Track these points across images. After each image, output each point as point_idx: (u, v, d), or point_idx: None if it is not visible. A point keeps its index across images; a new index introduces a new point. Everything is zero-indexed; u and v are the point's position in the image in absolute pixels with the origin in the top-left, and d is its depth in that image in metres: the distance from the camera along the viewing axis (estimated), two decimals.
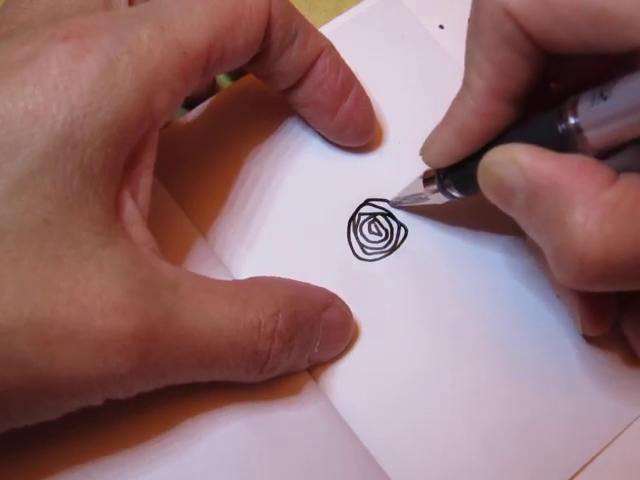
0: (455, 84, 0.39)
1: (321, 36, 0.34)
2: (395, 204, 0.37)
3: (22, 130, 0.24)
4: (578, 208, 0.24)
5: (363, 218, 0.37)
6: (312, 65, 0.34)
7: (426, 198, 0.35)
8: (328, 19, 0.41)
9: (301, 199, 0.37)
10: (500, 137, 0.29)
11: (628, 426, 0.34)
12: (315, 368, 0.34)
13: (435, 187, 0.33)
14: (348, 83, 0.35)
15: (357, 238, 0.37)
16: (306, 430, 0.32)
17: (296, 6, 0.33)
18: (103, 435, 0.30)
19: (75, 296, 0.24)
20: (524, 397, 0.34)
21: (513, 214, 0.28)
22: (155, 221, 0.30)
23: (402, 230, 0.37)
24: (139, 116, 0.26)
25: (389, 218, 0.37)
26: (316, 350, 0.32)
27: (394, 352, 0.35)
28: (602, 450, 0.34)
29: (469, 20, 0.29)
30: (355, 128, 0.36)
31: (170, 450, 0.30)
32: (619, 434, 0.34)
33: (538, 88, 0.29)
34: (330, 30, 0.40)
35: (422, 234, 0.37)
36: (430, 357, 0.35)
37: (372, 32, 0.41)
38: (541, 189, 0.25)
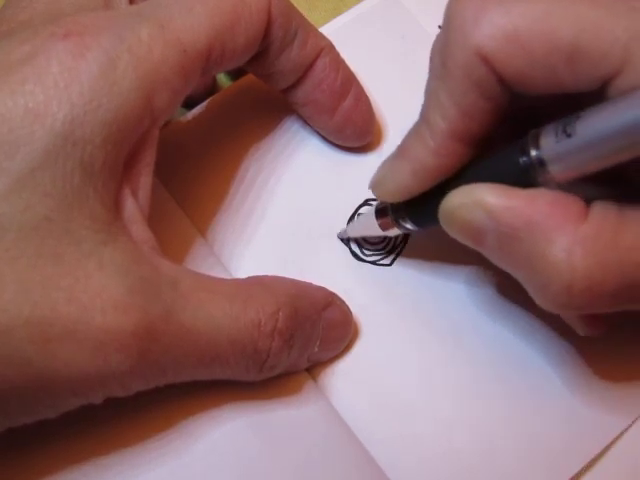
0: None
1: (321, 35, 0.34)
2: (343, 237, 0.37)
3: (22, 128, 0.24)
4: (558, 244, 0.24)
5: None
6: (312, 64, 0.34)
7: (377, 230, 0.34)
8: (328, 19, 0.41)
9: (300, 199, 0.37)
10: (460, 173, 0.29)
11: (629, 427, 0.34)
12: (315, 368, 0.34)
13: (389, 220, 0.33)
14: (348, 83, 0.35)
15: (356, 239, 0.37)
16: (305, 430, 0.32)
17: (296, 6, 0.33)
18: (103, 434, 0.30)
19: (75, 294, 0.24)
20: (523, 397, 0.34)
21: (484, 253, 0.28)
22: (154, 220, 0.29)
23: None
24: (139, 114, 0.27)
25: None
26: (316, 349, 0.32)
27: (394, 352, 0.35)
28: (603, 452, 0.34)
29: (433, 58, 0.28)
30: (354, 128, 0.36)
31: (170, 449, 0.30)
32: (620, 435, 0.34)
33: (501, 122, 0.28)
34: (330, 30, 0.40)
35: (422, 235, 0.37)
36: (430, 357, 0.35)
37: (372, 32, 0.41)
38: (515, 230, 0.25)
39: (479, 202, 0.26)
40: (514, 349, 0.35)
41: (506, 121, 0.28)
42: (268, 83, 0.35)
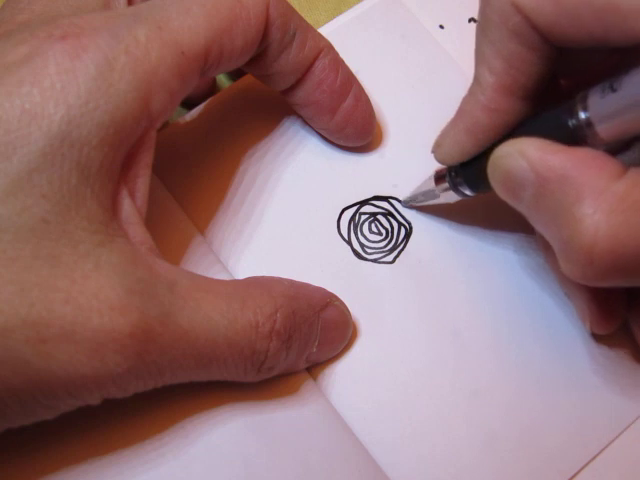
0: (455, 84, 0.39)
1: (320, 36, 0.34)
2: (407, 203, 0.37)
3: (19, 130, 0.24)
4: (586, 200, 0.24)
5: (363, 218, 0.37)
6: (311, 65, 0.34)
7: (438, 196, 0.35)
8: (328, 19, 0.41)
9: (300, 199, 0.37)
10: (511, 133, 0.29)
11: (629, 426, 0.34)
12: (314, 368, 0.34)
13: (447, 185, 0.33)
14: (347, 83, 0.35)
15: (357, 238, 0.37)
16: (305, 430, 0.32)
17: (296, 6, 0.33)
18: (101, 435, 0.30)
19: (72, 295, 0.24)
20: (524, 397, 0.34)
21: (522, 209, 0.28)
22: (154, 220, 0.30)
23: (402, 230, 0.37)
24: (136, 116, 0.26)
25: (389, 218, 0.37)
26: (314, 350, 0.32)
27: (394, 352, 0.35)
28: (602, 450, 0.34)
29: (478, 16, 0.29)
30: (355, 128, 0.36)
31: (168, 450, 0.30)
32: (619, 434, 0.34)
33: (548, 84, 0.29)
34: (330, 30, 0.40)
35: (424, 233, 0.37)
36: (430, 357, 0.35)
37: (372, 32, 0.41)
38: (549, 182, 0.25)
39: (522, 152, 0.27)
40: (514, 349, 0.35)
41: (560, 85, 0.29)
42: (268, 84, 0.35)
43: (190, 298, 0.27)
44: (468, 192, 0.33)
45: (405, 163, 0.38)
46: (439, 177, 0.34)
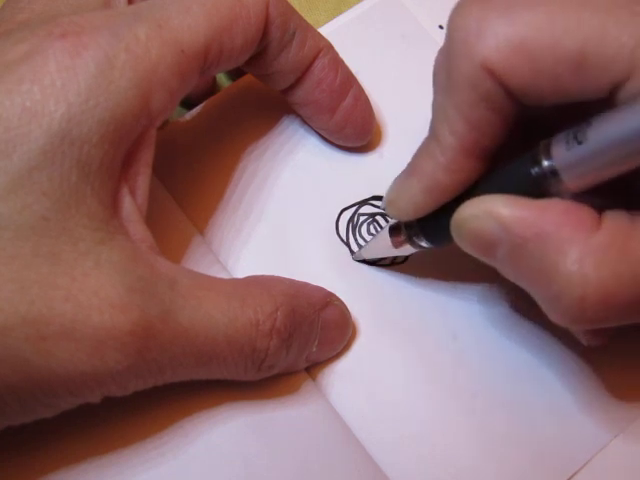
0: None
1: (319, 36, 0.34)
2: (358, 259, 0.36)
3: (19, 127, 0.24)
4: (570, 255, 0.24)
5: (362, 218, 0.37)
6: (310, 65, 0.34)
7: (392, 249, 0.33)
8: (328, 19, 0.41)
9: (299, 199, 0.37)
10: (472, 188, 0.28)
11: (628, 426, 0.34)
12: (313, 367, 0.34)
13: (403, 238, 0.32)
14: (347, 82, 0.35)
15: (356, 239, 0.37)
16: (304, 429, 0.32)
17: (296, 6, 0.33)
18: (101, 433, 0.30)
19: (72, 293, 0.24)
20: (523, 397, 0.34)
21: (496, 266, 0.27)
22: (153, 219, 0.30)
23: None
24: (136, 114, 0.27)
25: (388, 218, 0.37)
26: (314, 349, 0.32)
27: (393, 352, 0.35)
28: (601, 450, 0.34)
29: (437, 73, 0.28)
30: (354, 127, 0.36)
31: (168, 449, 0.30)
32: (618, 434, 0.34)
33: (511, 135, 0.28)
34: (330, 30, 0.40)
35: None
36: (429, 357, 0.35)
37: (372, 32, 0.41)
38: (526, 240, 0.25)
39: (490, 212, 0.26)
40: (514, 349, 0.35)
41: (517, 133, 0.28)
42: (267, 83, 0.35)
43: (190, 296, 0.27)
44: (425, 244, 0.32)
45: (405, 163, 0.38)
46: (393, 229, 0.33)
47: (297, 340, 0.30)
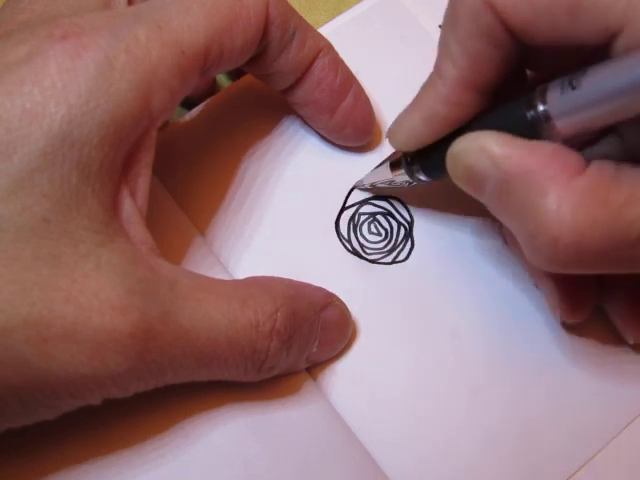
0: None
1: (319, 36, 0.34)
2: (360, 187, 0.37)
3: (20, 129, 0.24)
4: (550, 195, 0.24)
5: (363, 218, 0.37)
6: (310, 65, 0.34)
7: (393, 182, 0.35)
8: (328, 19, 0.41)
9: (300, 199, 0.37)
10: (469, 124, 0.29)
11: (628, 425, 0.34)
12: (314, 368, 0.34)
13: (402, 171, 0.33)
14: (347, 82, 0.35)
15: (357, 238, 0.37)
16: (305, 429, 0.32)
17: (296, 6, 0.33)
18: (102, 435, 0.30)
19: (73, 295, 0.24)
20: (523, 396, 0.34)
21: (484, 201, 0.28)
22: (154, 220, 0.30)
23: (402, 230, 0.37)
24: (137, 115, 0.26)
25: (389, 217, 0.37)
26: (314, 350, 0.32)
27: (393, 351, 0.35)
28: (601, 449, 0.34)
29: (446, 9, 0.29)
30: (354, 127, 0.36)
31: (169, 450, 0.30)
32: (618, 433, 0.34)
33: (513, 77, 0.29)
34: (330, 30, 0.40)
35: (424, 234, 0.37)
36: (429, 356, 0.35)
37: (372, 32, 0.41)
38: (512, 177, 0.25)
39: (483, 148, 0.27)
40: (513, 349, 0.35)
41: (521, 79, 0.29)
42: (267, 83, 0.35)
43: (191, 298, 0.27)
44: (424, 178, 0.33)
45: None
46: (394, 162, 0.34)
47: (297, 341, 0.30)
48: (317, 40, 0.34)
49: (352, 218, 0.37)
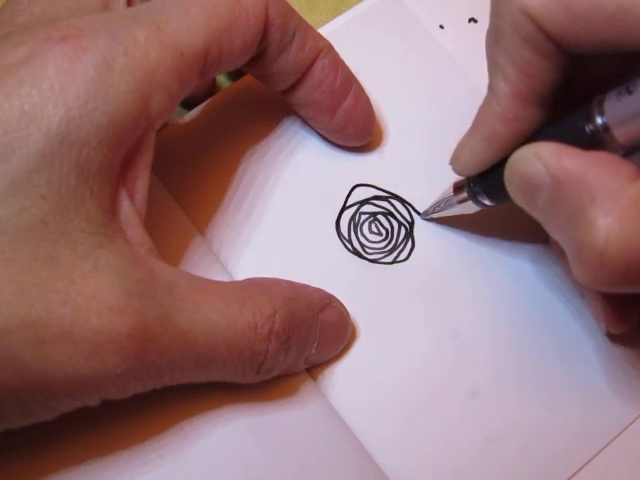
0: (455, 84, 0.39)
1: (319, 36, 0.34)
2: (426, 215, 0.37)
3: (18, 130, 0.24)
4: (599, 202, 0.24)
5: (364, 217, 0.37)
6: (311, 65, 0.34)
7: (456, 207, 0.34)
8: (328, 19, 0.41)
9: (300, 199, 0.37)
10: (528, 141, 0.29)
11: (628, 426, 0.34)
12: (314, 368, 0.34)
13: (465, 196, 0.33)
14: (347, 83, 0.35)
15: (357, 238, 0.37)
16: (305, 430, 0.32)
17: (296, 6, 0.33)
18: (100, 436, 0.30)
19: (71, 296, 0.24)
20: (523, 397, 0.34)
21: (537, 214, 0.28)
22: (154, 220, 0.30)
23: (402, 230, 0.37)
24: (135, 117, 0.27)
25: (389, 217, 0.37)
26: (313, 351, 0.32)
27: (393, 352, 0.35)
28: (601, 450, 0.34)
29: (489, 26, 0.29)
30: (355, 127, 0.36)
31: (168, 451, 0.30)
32: (619, 434, 0.34)
33: (564, 90, 0.29)
34: (330, 30, 0.40)
35: (424, 234, 0.37)
36: (429, 357, 0.35)
37: (372, 32, 0.41)
38: (564, 185, 0.25)
39: (538, 155, 0.26)
40: (513, 349, 0.35)
41: (575, 91, 0.29)
42: (267, 84, 0.35)
43: (189, 299, 0.27)
44: (487, 202, 0.32)
45: (405, 163, 0.38)
46: (457, 188, 0.34)
47: (296, 343, 0.30)
48: (317, 41, 0.34)
49: (353, 218, 0.37)
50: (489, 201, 0.32)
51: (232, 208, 0.36)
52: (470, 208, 0.34)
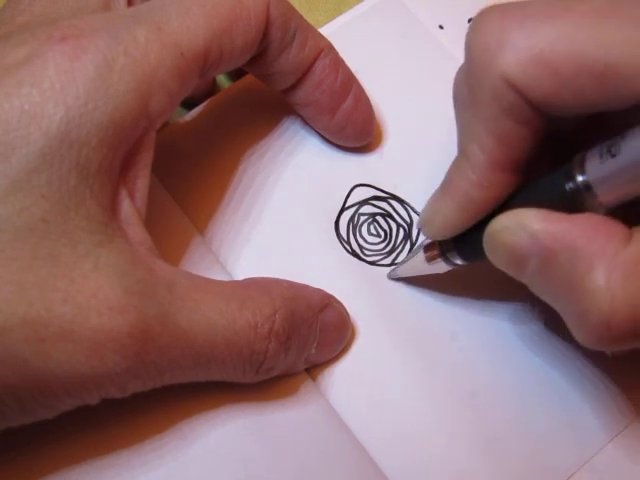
0: None
1: (320, 36, 0.34)
2: (393, 276, 0.36)
3: (18, 130, 0.24)
4: (598, 270, 0.23)
5: (363, 218, 0.37)
6: (311, 65, 0.34)
7: (426, 267, 0.33)
8: (328, 19, 0.42)
9: (299, 199, 0.37)
10: (505, 203, 0.28)
11: (627, 427, 0.34)
12: (313, 368, 0.34)
13: (437, 255, 0.32)
14: (348, 83, 0.35)
15: (356, 239, 0.37)
16: (304, 430, 0.32)
17: (297, 6, 0.33)
18: (99, 435, 0.30)
19: (71, 295, 0.24)
20: (522, 397, 0.34)
21: (525, 281, 0.27)
22: (153, 220, 0.30)
23: (401, 231, 0.37)
24: (135, 117, 0.27)
25: (388, 219, 0.37)
26: (313, 351, 0.32)
27: (392, 352, 0.35)
28: (600, 450, 0.34)
29: (459, 89, 0.28)
30: (355, 128, 0.36)
31: (167, 450, 0.30)
32: (617, 434, 0.34)
33: (539, 150, 0.28)
34: (330, 30, 0.40)
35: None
36: (428, 357, 0.35)
37: (372, 32, 0.41)
38: (556, 253, 0.24)
39: (522, 225, 0.25)
40: (513, 349, 0.35)
41: (550, 147, 0.28)
42: (268, 84, 0.35)
43: (189, 298, 0.27)
44: (459, 262, 0.32)
45: (405, 163, 0.38)
46: (427, 247, 0.33)
47: (295, 342, 0.31)
48: (318, 40, 0.34)
49: (352, 219, 0.37)
50: (462, 261, 0.32)
51: (232, 208, 0.36)
52: (441, 267, 0.33)
